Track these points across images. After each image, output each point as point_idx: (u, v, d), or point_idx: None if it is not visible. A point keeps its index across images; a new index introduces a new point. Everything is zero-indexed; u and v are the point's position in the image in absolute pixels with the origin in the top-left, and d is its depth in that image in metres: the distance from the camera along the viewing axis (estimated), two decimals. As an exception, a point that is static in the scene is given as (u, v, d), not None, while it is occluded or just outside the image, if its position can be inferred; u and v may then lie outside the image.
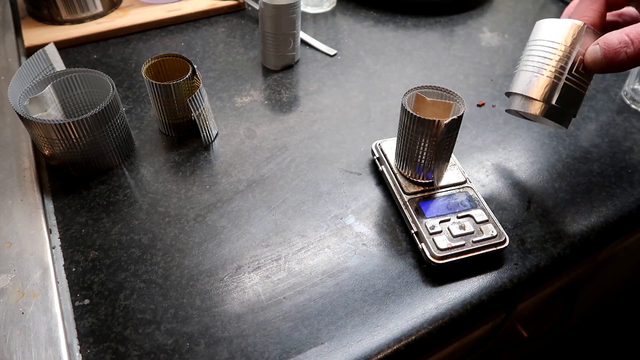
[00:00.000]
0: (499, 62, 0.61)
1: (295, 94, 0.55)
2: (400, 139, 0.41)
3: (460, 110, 0.38)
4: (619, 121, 0.53)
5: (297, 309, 0.36)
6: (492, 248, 0.38)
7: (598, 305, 0.99)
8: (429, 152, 0.39)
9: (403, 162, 0.41)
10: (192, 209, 0.42)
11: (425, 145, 0.39)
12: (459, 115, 0.37)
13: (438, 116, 0.40)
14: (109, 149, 0.44)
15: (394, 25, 0.67)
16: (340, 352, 0.34)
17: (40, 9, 0.61)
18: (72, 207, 0.42)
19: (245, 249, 0.39)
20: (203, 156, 0.47)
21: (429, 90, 0.40)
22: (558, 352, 1.03)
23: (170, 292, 0.36)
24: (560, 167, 0.48)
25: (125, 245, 0.39)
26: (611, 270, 0.73)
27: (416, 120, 0.37)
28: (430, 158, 0.39)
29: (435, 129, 0.37)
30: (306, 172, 0.46)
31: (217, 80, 0.56)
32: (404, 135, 0.40)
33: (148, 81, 0.44)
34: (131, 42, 0.62)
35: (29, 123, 0.40)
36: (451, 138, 0.39)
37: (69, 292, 0.36)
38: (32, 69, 0.46)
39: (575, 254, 0.41)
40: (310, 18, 0.68)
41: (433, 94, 0.40)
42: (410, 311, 0.36)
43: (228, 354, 0.33)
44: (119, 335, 0.34)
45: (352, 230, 0.41)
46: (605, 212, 0.44)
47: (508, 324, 0.55)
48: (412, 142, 0.39)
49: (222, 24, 0.66)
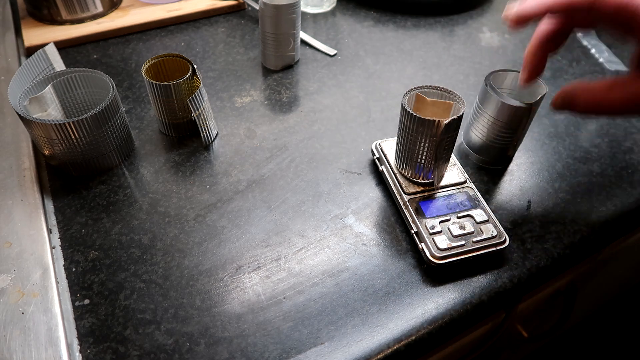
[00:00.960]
0: (499, 62, 0.61)
1: (295, 94, 0.55)
2: (400, 139, 0.41)
3: (460, 110, 0.38)
4: (619, 121, 0.53)
5: (297, 309, 0.36)
6: (492, 248, 0.38)
7: (598, 305, 0.99)
8: (429, 152, 0.39)
9: (403, 162, 0.42)
10: (192, 209, 0.42)
11: (425, 145, 0.39)
12: (459, 115, 0.37)
13: (438, 116, 0.40)
14: (109, 149, 0.44)
15: (394, 25, 0.67)
16: (340, 352, 0.34)
17: (40, 9, 0.61)
18: (72, 207, 0.42)
19: (245, 249, 0.39)
20: (203, 156, 0.47)
21: (428, 90, 0.40)
22: (558, 352, 1.03)
23: (170, 292, 0.36)
24: (560, 167, 0.48)
25: (125, 245, 0.39)
26: (611, 270, 0.73)
27: (416, 120, 0.37)
28: (430, 158, 0.39)
29: (435, 129, 0.37)
30: (306, 172, 0.46)
31: (217, 80, 0.56)
32: (404, 135, 0.40)
33: (148, 81, 0.44)
34: (131, 42, 0.62)
35: (29, 123, 0.40)
36: (451, 138, 0.39)
37: (69, 292, 0.36)
38: (32, 69, 0.46)
39: (575, 254, 0.41)
40: (310, 18, 0.68)
41: (433, 94, 0.40)
42: (410, 311, 0.36)
43: (228, 354, 0.33)
44: (119, 335, 0.34)
45: (352, 230, 0.41)
46: (605, 212, 0.44)
47: (508, 324, 0.55)
48: (412, 142, 0.39)
49: (222, 24, 0.66)
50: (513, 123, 0.42)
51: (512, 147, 0.45)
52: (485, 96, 0.43)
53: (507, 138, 0.44)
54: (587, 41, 0.64)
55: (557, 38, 0.36)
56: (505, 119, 0.42)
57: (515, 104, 0.41)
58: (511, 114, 0.42)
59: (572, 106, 0.34)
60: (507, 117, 0.42)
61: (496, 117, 0.43)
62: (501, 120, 0.42)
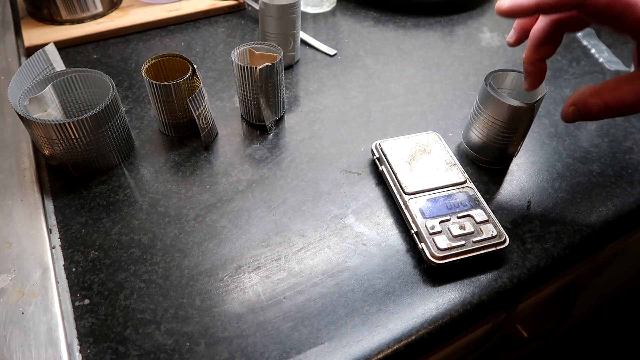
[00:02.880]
0: (499, 62, 0.61)
1: (295, 94, 0.55)
2: (237, 89, 0.49)
3: (277, 59, 0.46)
4: (619, 121, 0.53)
5: (297, 309, 0.36)
6: (492, 248, 0.38)
7: (598, 305, 0.99)
8: (254, 95, 0.47)
9: (249, 111, 0.50)
10: (192, 209, 0.42)
11: (250, 88, 0.46)
12: (273, 63, 0.45)
13: None
14: (109, 149, 0.44)
15: (394, 25, 0.67)
16: (340, 352, 0.34)
17: (40, 9, 0.61)
18: (72, 207, 0.42)
19: (245, 249, 0.39)
20: (203, 156, 0.47)
21: (257, 45, 0.48)
22: (558, 352, 1.03)
23: (170, 292, 0.36)
24: (560, 167, 0.48)
25: (125, 245, 0.39)
26: (611, 270, 0.73)
27: (243, 68, 0.45)
28: (256, 101, 0.47)
29: (255, 74, 0.45)
30: (306, 172, 0.46)
31: (217, 80, 0.56)
32: (237, 84, 0.47)
33: (148, 81, 0.44)
34: (131, 42, 0.62)
35: (29, 123, 0.40)
36: (273, 82, 0.47)
37: (69, 292, 0.36)
38: (32, 69, 0.46)
39: (575, 254, 0.41)
40: (310, 18, 0.68)
41: (261, 49, 0.48)
42: (410, 311, 0.36)
43: (228, 354, 0.33)
44: (119, 335, 0.34)
45: (352, 230, 0.41)
46: (605, 212, 0.44)
47: (508, 324, 0.55)
48: (243, 88, 0.47)
49: (222, 24, 0.66)
50: (513, 123, 0.43)
51: (512, 146, 0.45)
52: (485, 96, 0.43)
53: (507, 138, 0.44)
54: (587, 41, 0.64)
55: (552, 40, 0.36)
56: (505, 118, 0.42)
57: (515, 104, 0.41)
58: (511, 113, 0.42)
59: (586, 114, 0.33)
60: (507, 117, 0.42)
61: (496, 117, 0.43)
62: (501, 120, 0.43)
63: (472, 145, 0.47)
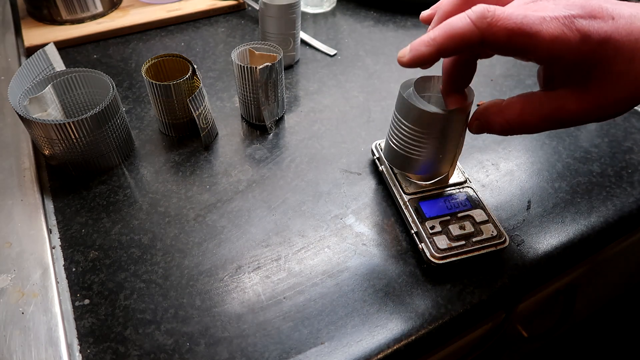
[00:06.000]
0: (499, 62, 0.61)
1: (295, 94, 0.55)
2: (237, 88, 0.49)
3: (277, 59, 0.46)
4: (619, 121, 0.53)
5: (297, 309, 0.36)
6: (492, 248, 0.38)
7: (598, 305, 0.99)
8: (254, 95, 0.47)
9: (246, 108, 0.49)
10: (192, 209, 0.42)
11: (250, 88, 0.47)
12: (273, 63, 0.44)
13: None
14: (109, 149, 0.44)
15: (394, 25, 0.67)
16: (340, 352, 0.34)
17: (40, 9, 0.61)
18: (72, 207, 0.42)
19: (245, 249, 0.39)
20: (203, 156, 0.47)
21: (257, 45, 0.48)
22: (558, 352, 1.03)
23: (170, 292, 0.36)
24: (560, 167, 0.48)
25: (125, 245, 0.39)
26: (611, 270, 0.73)
27: (239, 68, 0.45)
28: (256, 100, 0.47)
29: (254, 74, 0.45)
30: (306, 172, 0.46)
31: (217, 80, 0.56)
32: (238, 84, 0.47)
33: (148, 81, 0.44)
34: (131, 42, 0.62)
35: (29, 123, 0.40)
36: (273, 82, 0.46)
37: (69, 292, 0.36)
38: (32, 69, 0.46)
39: (575, 254, 0.41)
40: (310, 18, 0.68)
41: (261, 49, 0.48)
42: (410, 311, 0.36)
43: (228, 354, 0.33)
44: (119, 335, 0.34)
45: (352, 230, 0.41)
46: (605, 212, 0.44)
47: (508, 324, 0.55)
48: (243, 88, 0.47)
49: (222, 24, 0.66)
50: (432, 131, 0.36)
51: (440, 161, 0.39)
52: (400, 102, 0.37)
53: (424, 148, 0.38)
54: None
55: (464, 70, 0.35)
56: (421, 127, 0.36)
57: (431, 110, 0.35)
58: (427, 121, 0.36)
59: (489, 131, 0.34)
60: (422, 124, 0.36)
61: (412, 125, 0.37)
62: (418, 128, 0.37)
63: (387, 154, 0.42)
